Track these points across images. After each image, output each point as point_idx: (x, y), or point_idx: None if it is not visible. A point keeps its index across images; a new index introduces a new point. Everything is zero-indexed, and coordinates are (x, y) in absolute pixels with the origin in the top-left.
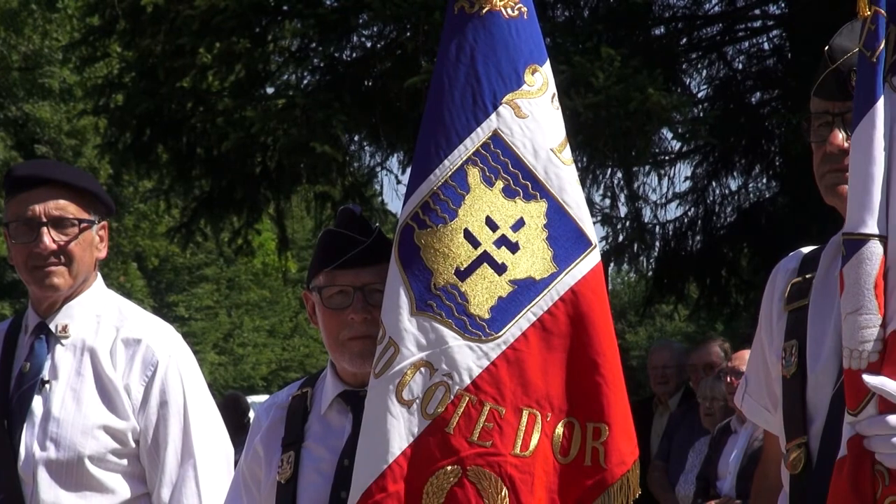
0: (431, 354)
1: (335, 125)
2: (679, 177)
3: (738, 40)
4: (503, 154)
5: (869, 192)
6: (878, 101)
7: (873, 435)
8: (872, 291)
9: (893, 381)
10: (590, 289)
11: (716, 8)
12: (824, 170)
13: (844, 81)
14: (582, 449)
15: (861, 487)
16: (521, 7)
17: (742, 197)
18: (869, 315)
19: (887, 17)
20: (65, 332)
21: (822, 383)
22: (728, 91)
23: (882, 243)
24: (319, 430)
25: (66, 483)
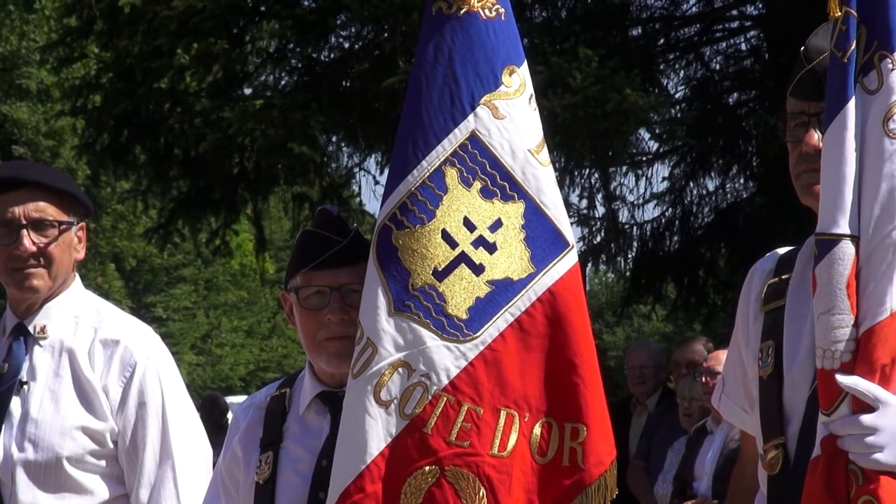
0: (409, 355)
1: (313, 126)
2: (656, 177)
3: (715, 41)
4: (481, 155)
5: (841, 192)
6: (849, 101)
7: (846, 435)
8: (845, 291)
9: (866, 380)
10: (567, 289)
11: (693, 9)
12: (800, 170)
13: (820, 82)
14: (560, 449)
15: (835, 487)
16: (499, 8)
17: (719, 197)
18: (841, 315)
19: (858, 18)
20: (43, 333)
21: (799, 384)
22: (705, 92)
23: (854, 243)
24: (298, 430)
25: (44, 484)
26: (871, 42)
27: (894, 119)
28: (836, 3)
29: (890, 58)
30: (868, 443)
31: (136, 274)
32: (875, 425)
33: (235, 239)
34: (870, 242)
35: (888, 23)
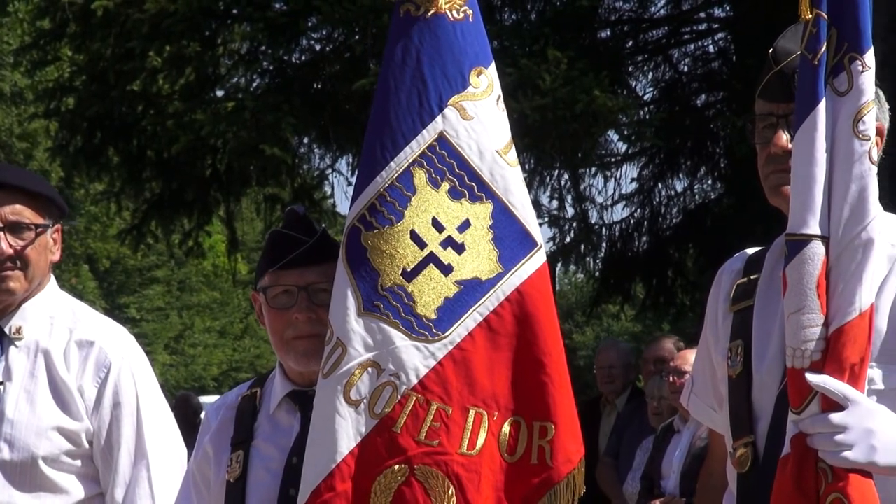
0: (378, 355)
1: (284, 128)
2: (625, 178)
3: (683, 43)
4: (449, 156)
5: (811, 193)
6: (819, 103)
7: (816, 433)
8: (815, 291)
9: (836, 379)
10: (535, 289)
11: (661, 11)
12: (768, 170)
13: (788, 83)
14: (528, 447)
15: (805, 484)
16: (467, 10)
17: (688, 198)
18: (811, 314)
19: (829, 20)
20: (18, 334)
21: (768, 383)
22: (673, 93)
23: (824, 244)
24: (268, 429)
25: (20, 484)
26: (841, 44)
27: (864, 121)
28: (807, 6)
29: (860, 60)
30: (837, 441)
31: (109, 275)
32: (844, 424)
33: (208, 240)
34: (839, 243)
35: (858, 25)
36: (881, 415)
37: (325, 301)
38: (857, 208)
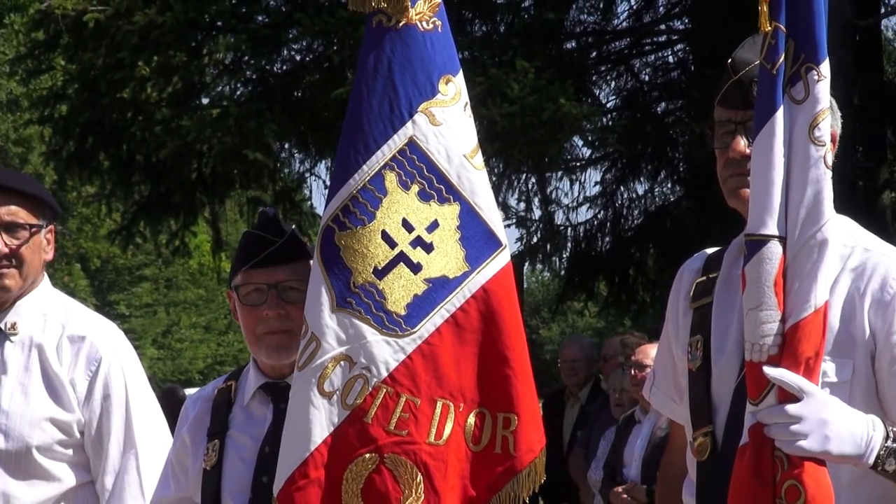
0: (351, 349)
1: (266, 134)
2: (589, 182)
3: (644, 54)
4: (419, 160)
5: (769, 195)
6: (777, 110)
7: (773, 423)
8: (773, 289)
9: (792, 372)
10: (500, 287)
11: (623, 23)
12: (727, 174)
13: (746, 91)
14: (492, 437)
15: (762, 472)
16: (436, 21)
17: (648, 201)
18: (769, 311)
19: (787, 32)
20: (13, 330)
21: (726, 375)
22: (635, 101)
23: (781, 244)
24: (242, 419)
25: (14, 472)
26: (798, 55)
27: (819, 127)
28: (767, 18)
29: (816, 70)
30: (793, 430)
31: (100, 273)
32: (800, 414)
33: (194, 240)
34: (796, 243)
35: (814, 37)
36: (834, 406)
37: (295, 298)
38: (812, 210)
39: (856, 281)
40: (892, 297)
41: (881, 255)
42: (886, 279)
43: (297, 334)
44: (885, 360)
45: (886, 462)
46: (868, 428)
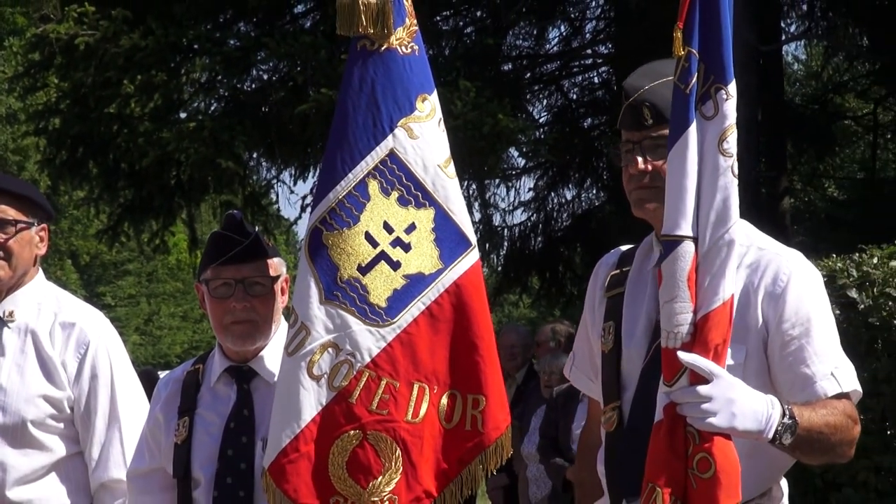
0: (337, 337)
1: (237, 145)
2: (523, 188)
3: (573, 75)
4: (398, 169)
5: (683, 200)
6: (690, 125)
7: (685, 402)
8: (686, 283)
9: (702, 357)
10: (470, 282)
11: (554, 48)
12: (631, 187)
13: (639, 114)
14: (463, 416)
15: (676, 446)
16: (414, 45)
17: (576, 205)
18: (683, 303)
19: (698, 56)
20: (11, 317)
21: (634, 358)
22: (564, 117)
23: (693, 243)
24: (209, 399)
25: (11, 443)
26: (708, 76)
27: (727, 140)
28: (681, 43)
29: (724, 89)
30: (703, 409)
31: (89, 268)
32: (709, 394)
33: (172, 239)
34: (707, 243)
35: (723, 60)
36: (739, 387)
37: (258, 292)
38: (721, 214)
39: (750, 276)
40: (782, 290)
41: (773, 253)
42: (777, 275)
43: (259, 324)
44: (776, 346)
45: (783, 436)
46: (768, 406)
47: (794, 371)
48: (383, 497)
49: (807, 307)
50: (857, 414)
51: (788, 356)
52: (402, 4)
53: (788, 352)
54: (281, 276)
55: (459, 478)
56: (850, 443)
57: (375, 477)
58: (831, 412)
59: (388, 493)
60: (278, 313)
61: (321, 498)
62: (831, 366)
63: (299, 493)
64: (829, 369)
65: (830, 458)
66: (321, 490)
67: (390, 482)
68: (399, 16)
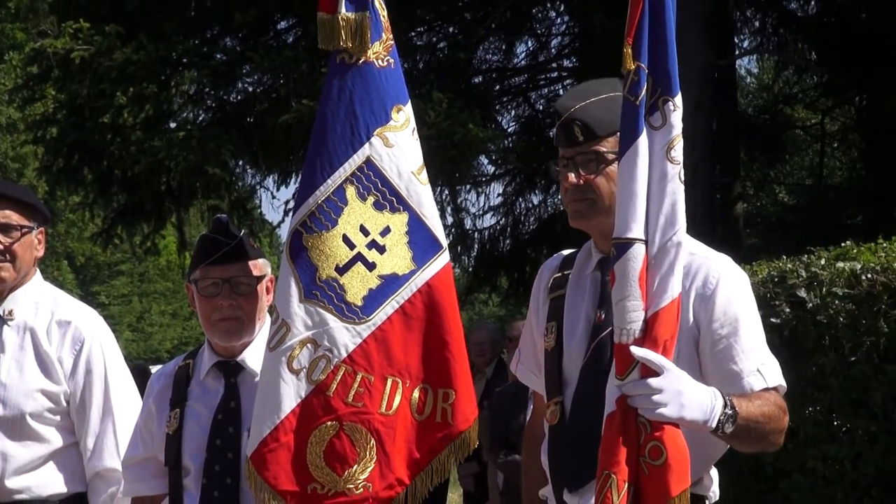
0: (316, 333)
1: (224, 153)
2: (493, 194)
3: (539, 87)
4: (374, 175)
5: (634, 205)
6: (640, 135)
7: (637, 394)
8: (637, 283)
9: (653, 352)
10: (441, 282)
11: (522, 62)
12: (567, 200)
13: (570, 132)
14: (434, 409)
15: (628, 435)
16: (389, 59)
17: (542, 210)
18: (634, 301)
19: (647, 70)
20: (10, 316)
21: (575, 355)
22: (531, 127)
23: (644, 245)
24: (199, 391)
25: (11, 435)
26: (656, 89)
27: (675, 149)
28: (630, 58)
29: (671, 101)
30: (654, 400)
31: (84, 269)
32: (660, 387)
33: (163, 241)
34: (656, 244)
35: (669, 74)
36: (687, 380)
37: (244, 291)
38: (669, 217)
39: (682, 279)
40: (711, 292)
41: (703, 258)
42: (707, 278)
43: (245, 321)
44: (706, 344)
45: (725, 426)
46: (712, 398)
47: (724, 368)
48: (358, 484)
49: (734, 308)
50: (786, 405)
51: (718, 354)
52: (380, 20)
53: (718, 350)
54: (266, 276)
55: (430, 467)
56: (781, 431)
57: (351, 465)
58: (766, 403)
59: (363, 481)
60: (263, 311)
61: (299, 485)
62: (758, 362)
63: (279, 480)
64: (755, 366)
65: (764, 446)
66: (300, 477)
67: (365, 470)
68: (376, 31)
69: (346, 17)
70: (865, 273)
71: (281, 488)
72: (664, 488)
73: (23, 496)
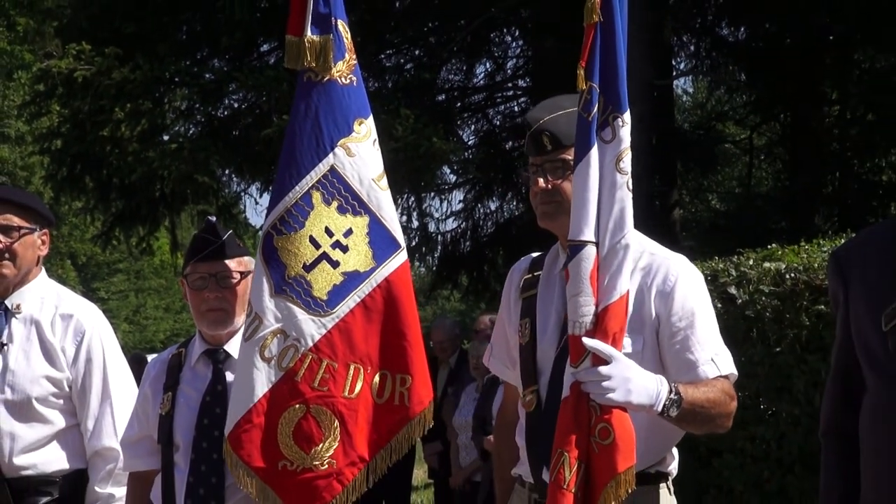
0: (285, 325)
1: (212, 163)
2: (454, 200)
3: (496, 105)
4: (338, 182)
5: (586, 210)
6: (592, 148)
7: (588, 381)
8: (589, 281)
9: (603, 343)
10: (399, 278)
11: (481, 81)
12: (536, 203)
13: (539, 141)
14: (392, 393)
15: (580, 418)
16: (352, 77)
17: (499, 215)
18: (586, 297)
19: (599, 89)
20: (18, 310)
21: (547, 349)
22: (489, 140)
23: (595, 247)
24: (190, 376)
25: (18, 417)
26: (607, 106)
27: (623, 161)
28: (583, 79)
29: (620, 117)
30: (604, 386)
31: (85, 267)
32: (609, 374)
33: (157, 243)
34: (606, 246)
35: (619, 93)
36: (634, 368)
37: (230, 285)
38: (618, 222)
39: (644, 277)
40: (671, 289)
41: (663, 258)
42: (667, 276)
43: (230, 312)
44: (666, 336)
45: (670, 409)
46: (658, 384)
47: (681, 357)
48: (323, 461)
49: (691, 303)
50: (734, 392)
51: (676, 344)
52: (343, 42)
53: (676, 340)
54: (250, 272)
55: (389, 445)
56: (727, 415)
57: (317, 444)
58: (711, 389)
59: (328, 458)
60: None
61: (271, 462)
62: (712, 352)
63: (252, 457)
64: (709, 356)
65: (711, 428)
66: (271, 455)
67: (329, 449)
68: (339, 52)
69: (311, 39)
70: (789, 272)
71: (254, 465)
72: (612, 465)
73: (29, 472)
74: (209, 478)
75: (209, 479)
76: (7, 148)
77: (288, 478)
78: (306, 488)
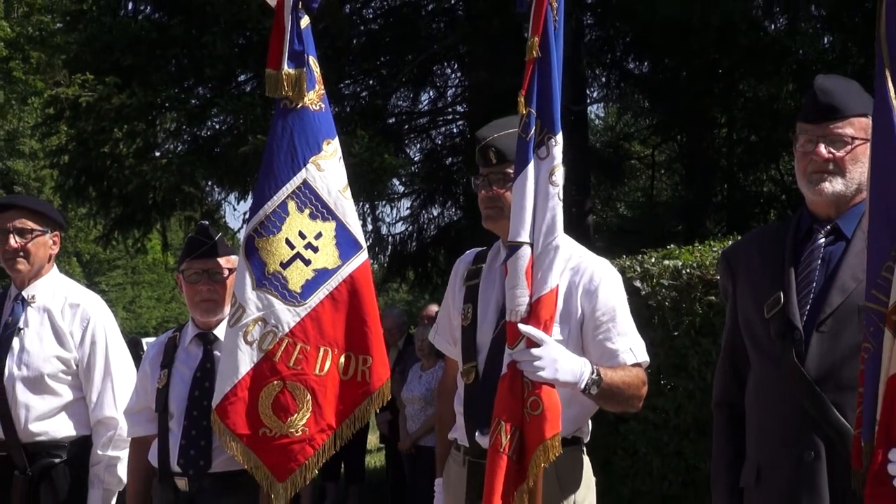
0: (265, 313)
1: (197, 175)
2: (403, 207)
3: (438, 127)
4: (310, 193)
5: (523, 216)
6: (529, 163)
7: (522, 360)
8: (524, 276)
9: (535, 328)
10: (361, 274)
11: (425, 107)
12: (483, 207)
13: (486, 155)
14: (356, 371)
15: (515, 392)
16: (321, 104)
17: (440, 220)
18: (522, 289)
19: (536, 114)
20: (33, 300)
21: (486, 331)
22: (433, 157)
23: (530, 247)
24: (183, 356)
25: (33, 390)
26: (543, 128)
27: (555, 175)
28: (523, 105)
29: (554, 138)
30: (535, 365)
31: (89, 264)
32: (540, 355)
33: (150, 243)
34: (539, 247)
35: (553, 117)
36: (562, 351)
37: (220, 279)
38: (550, 227)
39: (573, 277)
40: (595, 288)
41: (589, 260)
42: (592, 276)
43: (220, 302)
44: (590, 328)
45: (591, 388)
46: (582, 365)
47: (604, 346)
48: (298, 429)
49: (612, 301)
50: (646, 378)
51: (599, 335)
52: (314, 75)
53: (599, 332)
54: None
55: (353, 415)
56: (639, 397)
57: (292, 414)
58: (627, 374)
59: (301, 426)
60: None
61: (252, 429)
62: (630, 343)
63: (237, 425)
64: (628, 346)
65: (624, 407)
66: (252, 424)
67: (303, 418)
68: (311, 83)
69: (287, 72)
70: (685, 269)
71: (238, 432)
72: (540, 432)
73: (41, 438)
74: (199, 441)
75: (199, 441)
76: (22, 163)
77: (267, 442)
78: (283, 451)
